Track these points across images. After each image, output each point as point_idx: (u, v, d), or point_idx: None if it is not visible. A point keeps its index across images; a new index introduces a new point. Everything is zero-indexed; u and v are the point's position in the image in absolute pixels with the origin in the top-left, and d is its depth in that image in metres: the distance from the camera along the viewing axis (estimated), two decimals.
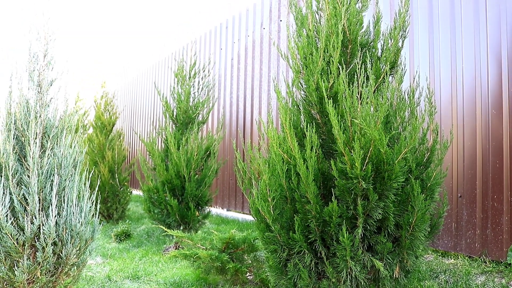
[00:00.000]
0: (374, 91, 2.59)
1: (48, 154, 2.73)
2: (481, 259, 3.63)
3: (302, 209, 2.44)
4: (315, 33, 2.76)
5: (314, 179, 2.38)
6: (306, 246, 2.43)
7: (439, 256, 3.98)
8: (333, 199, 2.33)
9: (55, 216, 2.65)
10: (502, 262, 3.49)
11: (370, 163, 2.28)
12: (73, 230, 2.73)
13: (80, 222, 2.78)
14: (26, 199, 2.63)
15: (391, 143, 2.54)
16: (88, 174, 2.98)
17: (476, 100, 3.79)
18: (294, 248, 2.47)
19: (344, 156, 2.31)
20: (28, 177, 2.64)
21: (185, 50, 9.71)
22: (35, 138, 2.69)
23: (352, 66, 2.68)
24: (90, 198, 2.93)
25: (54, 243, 2.69)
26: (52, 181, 2.71)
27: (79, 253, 2.80)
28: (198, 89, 5.81)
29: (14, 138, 2.71)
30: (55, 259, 2.69)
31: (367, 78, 2.58)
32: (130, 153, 12.93)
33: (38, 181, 2.65)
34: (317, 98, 2.58)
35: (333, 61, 2.51)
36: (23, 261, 2.57)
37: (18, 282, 2.57)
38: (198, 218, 5.40)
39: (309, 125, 2.45)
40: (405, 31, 2.71)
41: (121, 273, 4.05)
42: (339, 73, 2.54)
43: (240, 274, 3.43)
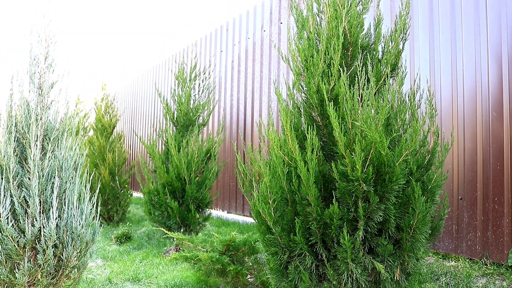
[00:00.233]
0: (375, 94, 2.59)
1: (49, 157, 2.73)
2: (482, 262, 3.62)
3: (303, 211, 2.43)
4: (316, 35, 2.76)
5: (315, 182, 2.38)
6: (307, 248, 2.43)
7: (440, 258, 3.98)
8: (334, 202, 2.33)
9: (56, 218, 2.65)
10: (503, 265, 3.49)
11: (371, 166, 2.28)
12: (73, 233, 2.73)
13: (80, 225, 2.78)
14: (27, 202, 2.63)
15: (392, 146, 2.54)
16: (88, 176, 2.98)
17: (476, 102, 3.79)
18: (295, 250, 2.46)
19: (345, 158, 2.31)
20: (29, 179, 2.64)
21: (185, 52, 9.72)
22: (36, 141, 2.70)
23: (353, 69, 2.68)
24: (90, 201, 2.93)
25: (55, 246, 2.68)
26: (53, 183, 2.72)
27: (80, 255, 2.80)
28: (198, 91, 5.82)
29: (15, 141, 2.71)
30: (56, 262, 2.69)
31: (368, 81, 2.58)
32: (131, 155, 12.93)
33: (39, 183, 2.65)
34: (318, 101, 2.58)
35: (334, 63, 2.51)
36: (24, 263, 2.57)
37: (18, 285, 2.57)
38: (199, 220, 5.40)
39: (310, 127, 2.45)
40: (405, 34, 2.71)
41: (121, 275, 4.05)
42: (340, 75, 2.54)
43: (240, 276, 3.43)
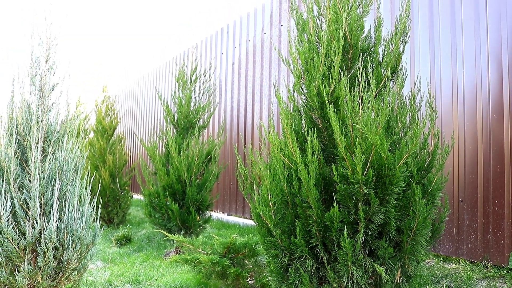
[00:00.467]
0: (375, 96, 2.59)
1: (49, 159, 2.73)
2: (482, 264, 3.62)
3: (303, 214, 2.43)
4: (316, 38, 2.77)
5: (316, 184, 2.38)
6: (308, 251, 2.43)
7: (441, 261, 3.97)
8: (334, 204, 2.33)
9: (56, 220, 2.65)
10: (503, 267, 3.48)
11: (371, 168, 2.28)
12: (74, 235, 2.73)
13: (81, 227, 2.78)
14: (28, 204, 2.64)
15: (392, 148, 2.54)
16: (89, 178, 2.99)
17: (477, 104, 3.79)
18: (295, 253, 2.46)
19: (345, 161, 2.31)
20: (29, 181, 2.64)
21: (186, 54, 9.73)
22: (37, 143, 2.70)
23: (353, 71, 2.68)
24: (91, 203, 2.93)
25: (55, 248, 2.69)
26: (53, 185, 2.72)
27: (80, 257, 2.80)
28: (199, 93, 5.83)
29: (15, 143, 2.72)
30: (56, 264, 2.69)
31: (368, 83, 2.59)
32: (131, 157, 12.93)
33: (39, 185, 2.65)
34: (318, 103, 2.59)
35: (334, 66, 2.52)
36: (24, 265, 2.57)
37: (19, 287, 2.57)
38: (199, 222, 5.39)
39: (310, 130, 2.45)
40: (406, 36, 2.71)
41: (121, 277, 4.04)
42: (340, 78, 2.55)
43: (241, 279, 3.42)
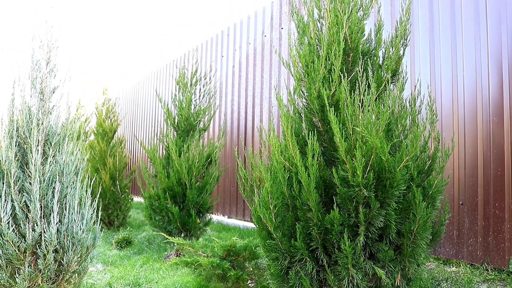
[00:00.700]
0: (376, 99, 2.59)
1: (50, 161, 2.73)
2: (483, 267, 3.61)
3: (303, 216, 2.43)
4: (317, 41, 2.77)
5: (316, 187, 2.38)
6: (308, 253, 2.43)
7: (441, 264, 3.97)
8: (334, 207, 2.33)
9: (57, 223, 2.65)
10: (504, 270, 3.48)
11: (371, 171, 2.28)
12: (74, 237, 2.73)
13: (81, 229, 2.78)
14: (28, 206, 2.64)
15: (393, 151, 2.54)
16: (89, 181, 2.99)
17: (477, 107, 3.79)
18: (296, 255, 2.46)
19: (345, 164, 2.31)
20: (30, 184, 2.65)
21: (186, 57, 9.75)
22: (37, 145, 2.70)
23: (353, 74, 2.68)
24: (91, 205, 2.93)
25: (56, 250, 2.68)
26: (53, 188, 2.72)
27: (80, 260, 2.80)
28: (199, 96, 5.83)
29: (16, 145, 2.72)
30: (56, 266, 2.69)
31: (369, 86, 2.59)
32: (131, 160, 12.93)
33: (40, 188, 2.65)
34: (318, 106, 2.59)
35: (334, 69, 2.52)
36: (24, 268, 2.56)
37: None
38: (199, 225, 5.39)
39: (310, 133, 2.45)
40: (406, 39, 2.72)
41: (122, 280, 4.04)
42: (341, 81, 2.55)
43: (241, 281, 3.42)
